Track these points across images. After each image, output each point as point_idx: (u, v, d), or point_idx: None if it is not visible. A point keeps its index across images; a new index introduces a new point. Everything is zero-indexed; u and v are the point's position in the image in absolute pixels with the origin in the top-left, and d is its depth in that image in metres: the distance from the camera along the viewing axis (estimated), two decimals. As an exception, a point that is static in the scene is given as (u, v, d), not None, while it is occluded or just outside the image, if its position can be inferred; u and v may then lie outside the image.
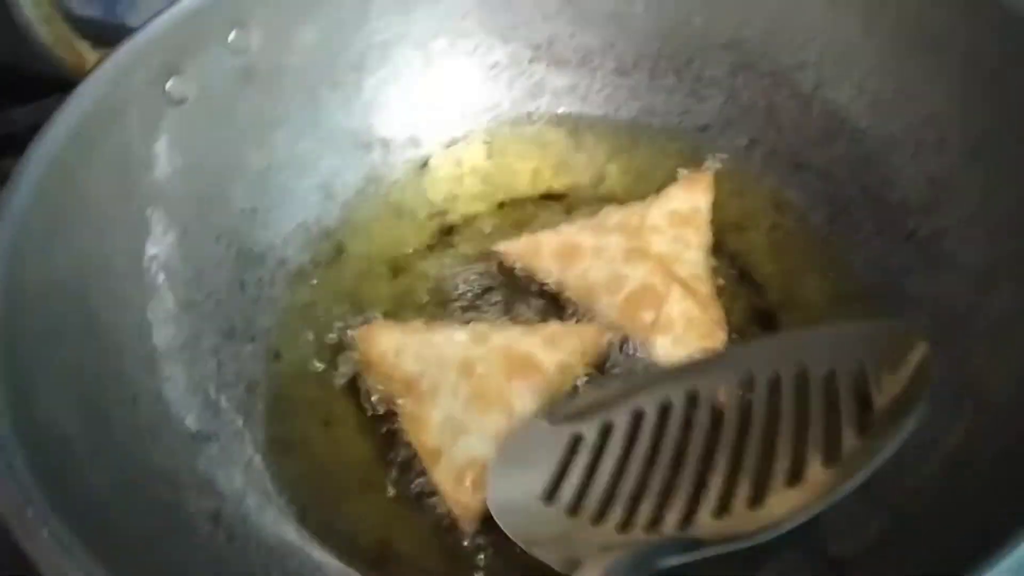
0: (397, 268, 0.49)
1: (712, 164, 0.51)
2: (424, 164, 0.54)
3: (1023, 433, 0.33)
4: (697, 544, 0.31)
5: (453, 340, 0.43)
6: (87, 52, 0.43)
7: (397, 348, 0.43)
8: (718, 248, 0.47)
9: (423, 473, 0.40)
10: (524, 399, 0.41)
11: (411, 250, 0.50)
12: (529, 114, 0.55)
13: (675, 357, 0.42)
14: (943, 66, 0.42)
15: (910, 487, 0.36)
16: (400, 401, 0.42)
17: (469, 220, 0.52)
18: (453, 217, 0.52)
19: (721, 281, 0.46)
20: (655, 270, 0.44)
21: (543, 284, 0.46)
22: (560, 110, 0.55)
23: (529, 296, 0.47)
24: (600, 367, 0.43)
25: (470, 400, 0.41)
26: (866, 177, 0.46)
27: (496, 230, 0.51)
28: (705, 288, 0.44)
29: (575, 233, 0.47)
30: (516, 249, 0.48)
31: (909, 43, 0.43)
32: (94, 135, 0.40)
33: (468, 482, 0.39)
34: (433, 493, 0.40)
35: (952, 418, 0.37)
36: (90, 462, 0.34)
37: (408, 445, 0.41)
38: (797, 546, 0.36)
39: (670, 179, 0.50)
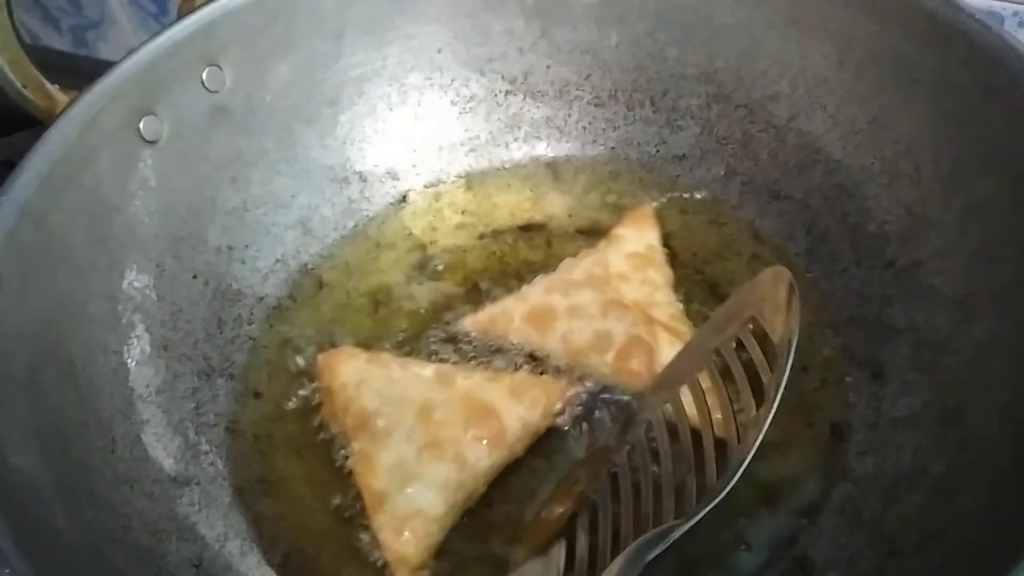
0: (377, 301, 0.49)
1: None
2: (403, 197, 0.53)
3: (1008, 462, 0.33)
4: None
5: (418, 377, 0.42)
6: (58, 94, 0.42)
7: (359, 379, 0.43)
8: (699, 276, 0.48)
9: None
10: (478, 452, 0.40)
11: (391, 283, 0.50)
12: (507, 145, 0.55)
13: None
14: (915, 98, 0.43)
15: (900, 517, 0.36)
16: (353, 440, 0.41)
17: (449, 252, 0.51)
18: (433, 250, 0.51)
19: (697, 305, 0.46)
20: (637, 320, 0.44)
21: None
22: (538, 141, 0.55)
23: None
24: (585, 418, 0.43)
25: (424, 447, 0.40)
26: (843, 207, 0.46)
27: (477, 262, 0.51)
28: (685, 326, 0.44)
29: (543, 295, 0.46)
30: (483, 322, 0.46)
31: (881, 75, 0.44)
32: (65, 179, 0.39)
33: (407, 533, 0.38)
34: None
35: (937, 447, 0.37)
36: (66, 512, 0.33)
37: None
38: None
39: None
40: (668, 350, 0.42)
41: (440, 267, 0.51)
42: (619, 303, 0.44)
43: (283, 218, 0.50)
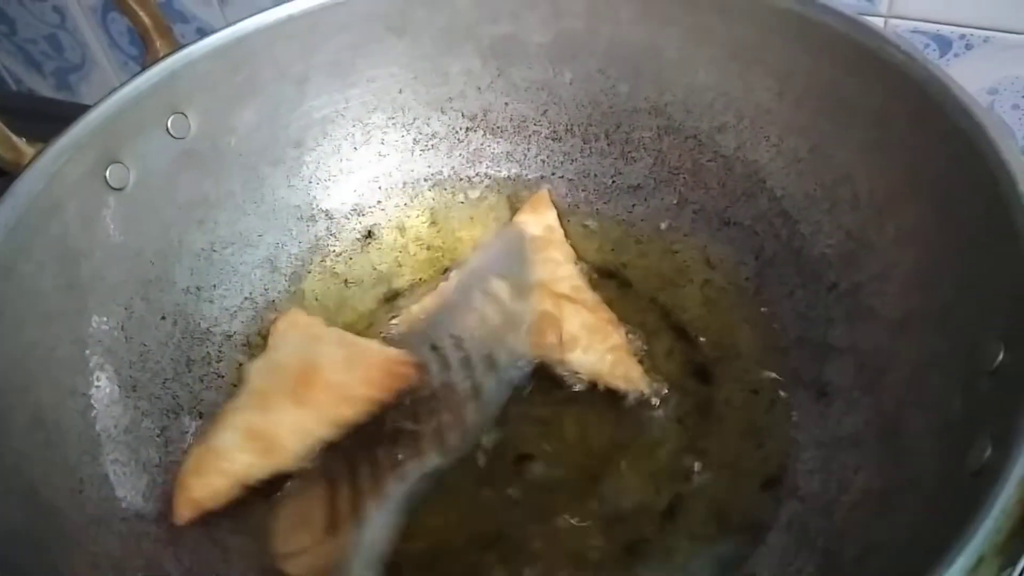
0: (345, 336, 0.50)
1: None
2: (369, 234, 0.55)
3: (938, 477, 0.34)
4: None
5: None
6: (23, 147, 0.43)
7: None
8: (653, 304, 0.49)
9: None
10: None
11: (358, 317, 0.51)
12: (469, 180, 0.57)
13: (591, 364, 0.45)
14: (851, 127, 0.44)
15: (842, 532, 0.37)
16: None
17: (415, 286, 0.53)
18: (399, 284, 0.53)
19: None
20: (542, 296, 0.47)
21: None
22: (499, 176, 0.57)
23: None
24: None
25: (252, 394, 0.43)
26: (788, 232, 0.48)
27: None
28: (588, 295, 0.47)
29: (455, 290, 0.49)
30: (410, 320, 0.49)
31: (819, 106, 0.46)
32: (33, 229, 0.41)
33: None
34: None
35: (877, 464, 0.38)
36: (36, 555, 0.34)
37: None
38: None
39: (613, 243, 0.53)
40: (574, 319, 0.46)
41: (406, 301, 0.52)
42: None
43: (251, 257, 0.51)
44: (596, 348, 0.45)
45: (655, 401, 0.45)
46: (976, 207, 0.37)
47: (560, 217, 0.53)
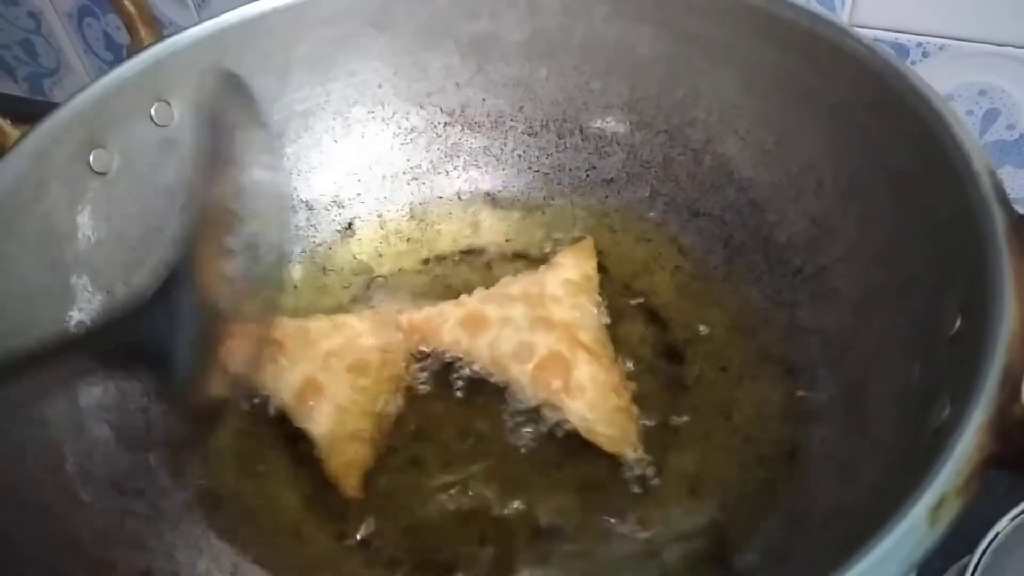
0: (324, 324, 0.51)
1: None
2: (349, 225, 0.56)
3: (897, 444, 0.36)
4: None
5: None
6: (9, 128, 0.44)
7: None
8: (627, 290, 0.51)
9: (359, 519, 0.42)
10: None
11: (338, 306, 0.52)
12: (447, 174, 0.58)
13: (589, 418, 0.44)
14: (815, 118, 0.46)
15: (809, 499, 0.39)
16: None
17: (395, 276, 0.54)
18: (379, 273, 0.54)
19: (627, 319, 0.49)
20: (561, 338, 0.46)
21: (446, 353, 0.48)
22: (476, 169, 0.58)
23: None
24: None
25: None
26: (755, 221, 0.50)
27: (421, 284, 0.53)
28: (607, 352, 0.47)
29: (478, 304, 0.49)
30: (419, 320, 0.49)
31: (784, 99, 0.48)
32: (17, 210, 0.41)
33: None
34: (369, 540, 0.41)
35: (842, 435, 0.40)
36: (18, 524, 0.34)
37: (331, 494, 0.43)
38: (701, 562, 0.39)
39: (582, 233, 0.54)
40: (585, 368, 0.45)
41: (386, 290, 0.53)
42: (548, 320, 0.47)
43: (231, 244, 0.52)
44: (600, 404, 0.44)
45: (636, 472, 0.43)
46: (933, 188, 0.38)
47: (539, 208, 0.55)
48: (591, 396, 0.44)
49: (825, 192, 0.46)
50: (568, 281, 0.50)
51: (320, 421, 0.44)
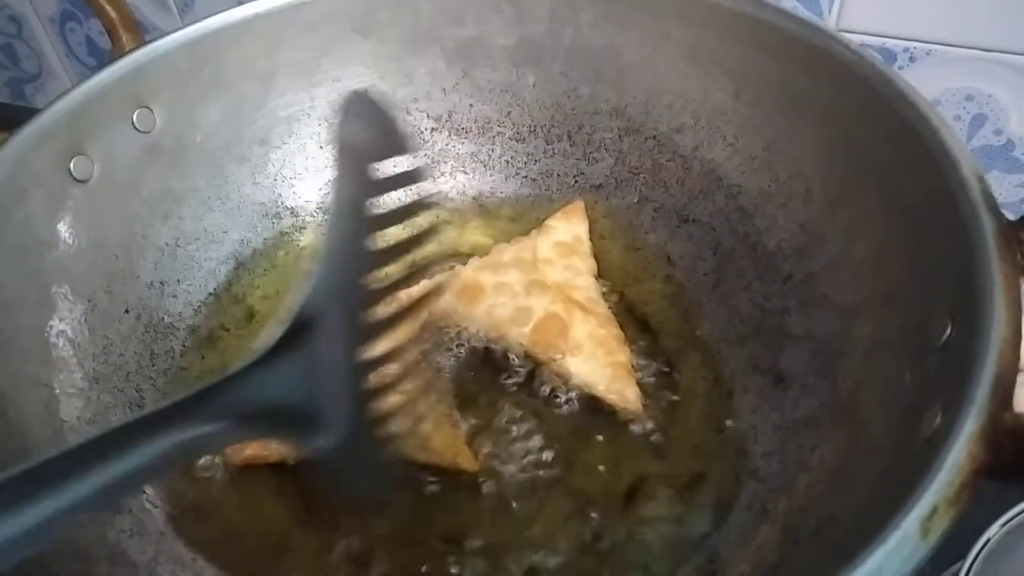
0: (309, 332, 0.50)
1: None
2: (334, 231, 0.55)
3: (890, 450, 0.35)
4: None
5: None
6: (-11, 135, 0.43)
7: None
8: (620, 299, 0.50)
9: (341, 533, 0.41)
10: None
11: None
12: (434, 180, 0.58)
13: (589, 375, 0.45)
14: (804, 124, 0.46)
15: (800, 508, 0.38)
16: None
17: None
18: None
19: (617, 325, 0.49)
20: (555, 298, 0.47)
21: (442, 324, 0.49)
22: (463, 175, 0.58)
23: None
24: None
25: None
26: (744, 228, 0.49)
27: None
28: (601, 309, 0.48)
29: (473, 273, 0.50)
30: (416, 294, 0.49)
31: (773, 105, 0.48)
32: (-4, 217, 0.40)
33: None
34: (356, 557, 0.41)
35: (833, 443, 0.40)
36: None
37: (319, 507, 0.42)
38: (693, 572, 0.38)
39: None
40: (582, 327, 0.46)
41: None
42: (542, 283, 0.48)
43: (215, 253, 0.51)
44: (599, 359, 0.46)
45: (645, 426, 0.45)
46: (922, 194, 0.38)
47: (524, 214, 0.55)
48: (589, 351, 0.46)
49: (814, 198, 0.46)
50: (559, 243, 0.51)
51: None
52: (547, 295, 0.48)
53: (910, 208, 0.39)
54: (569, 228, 0.52)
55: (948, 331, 0.34)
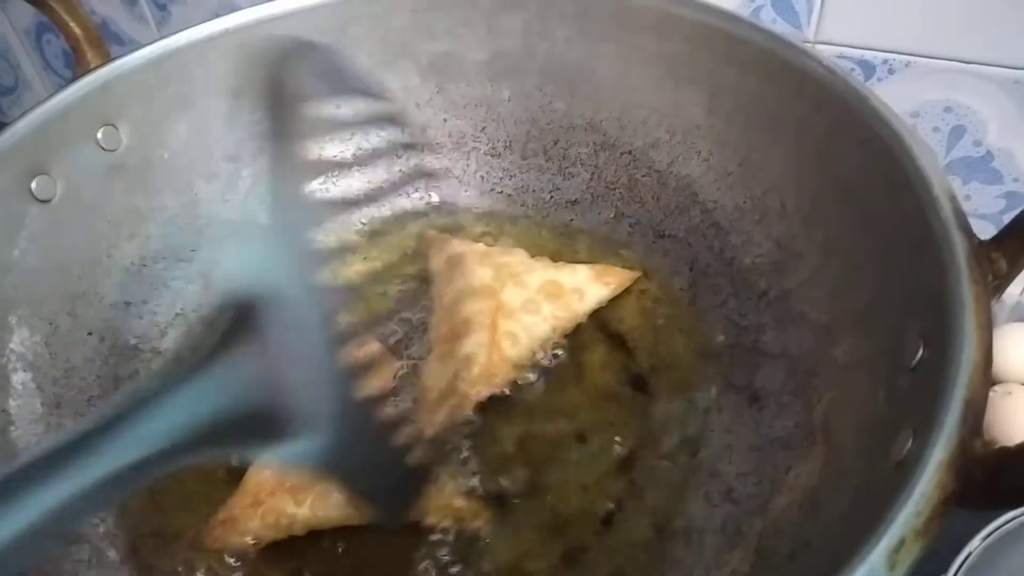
0: (280, 352, 0.50)
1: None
2: (306, 249, 0.54)
3: (863, 472, 0.35)
4: None
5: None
6: (-54, 155, 0.42)
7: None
8: (593, 315, 0.50)
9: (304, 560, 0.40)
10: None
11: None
12: (408, 196, 0.57)
13: (432, 381, 0.45)
14: (778, 140, 0.46)
15: (775, 531, 0.38)
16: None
17: (353, 293, 0.52)
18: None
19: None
20: (487, 311, 0.47)
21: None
22: (437, 191, 0.57)
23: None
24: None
25: None
26: (720, 243, 0.49)
27: (380, 302, 0.52)
28: (511, 351, 0.46)
29: (471, 250, 0.51)
30: (435, 242, 0.53)
31: (747, 120, 0.47)
32: (-48, 238, 0.39)
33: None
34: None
35: (808, 464, 0.39)
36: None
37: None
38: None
39: (544, 253, 0.52)
40: (474, 346, 0.46)
41: (344, 309, 0.52)
42: (492, 292, 0.48)
43: (183, 272, 0.50)
44: (445, 377, 0.45)
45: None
46: (895, 212, 0.38)
47: (499, 230, 0.54)
48: (449, 366, 0.45)
49: (789, 215, 0.45)
50: (552, 282, 0.49)
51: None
52: (484, 303, 0.47)
53: (883, 226, 0.39)
54: (585, 281, 0.49)
55: (920, 352, 0.34)
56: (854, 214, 0.41)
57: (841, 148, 0.42)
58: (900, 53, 0.57)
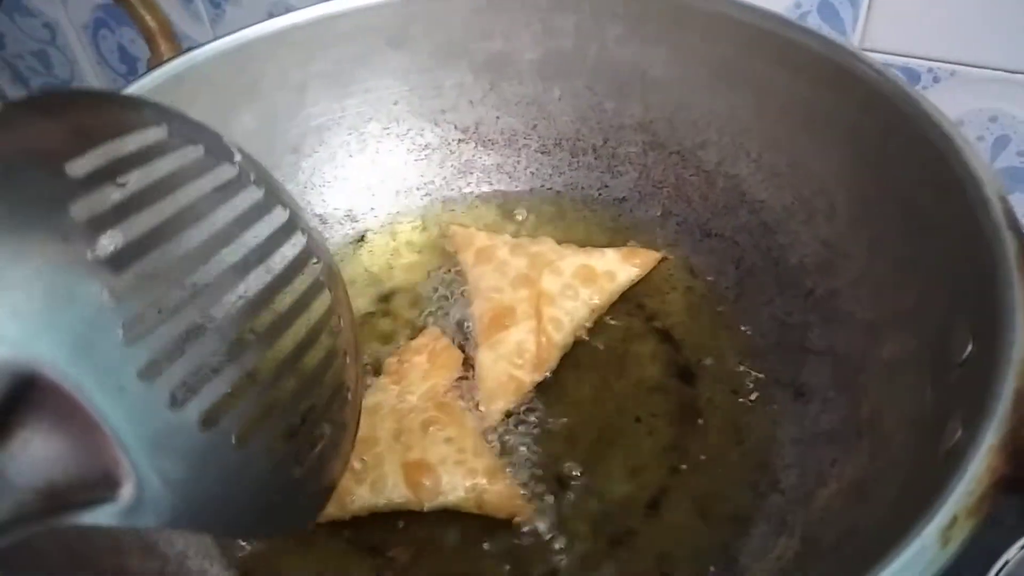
0: (336, 337, 0.51)
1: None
2: (361, 238, 0.56)
3: (912, 465, 0.36)
4: None
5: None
6: None
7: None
8: (639, 309, 0.51)
9: (361, 526, 0.42)
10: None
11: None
12: (460, 190, 0.59)
13: (487, 372, 0.46)
14: (829, 142, 0.47)
15: (820, 520, 0.39)
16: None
17: (405, 288, 0.54)
18: (390, 285, 0.54)
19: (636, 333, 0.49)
20: (528, 299, 0.48)
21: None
22: (489, 187, 0.59)
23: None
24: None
25: None
26: (767, 243, 0.50)
27: (431, 294, 0.53)
28: (556, 335, 0.48)
29: (500, 243, 0.52)
30: (459, 236, 0.54)
31: (797, 122, 0.48)
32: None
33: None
34: (375, 546, 0.42)
35: (854, 457, 0.40)
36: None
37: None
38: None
39: (593, 246, 0.53)
40: (520, 333, 0.47)
41: (397, 301, 0.53)
42: (531, 281, 0.49)
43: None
44: (503, 367, 0.46)
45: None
46: (945, 212, 0.39)
47: (550, 221, 0.56)
48: (503, 353, 0.47)
49: (837, 215, 0.46)
50: (585, 266, 0.51)
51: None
52: (524, 291, 0.48)
53: (933, 226, 0.40)
54: (615, 263, 0.51)
55: (969, 347, 0.35)
56: (903, 215, 0.42)
57: (891, 150, 0.43)
58: (945, 62, 0.58)
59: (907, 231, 0.42)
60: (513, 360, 0.46)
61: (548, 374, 0.47)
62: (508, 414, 0.46)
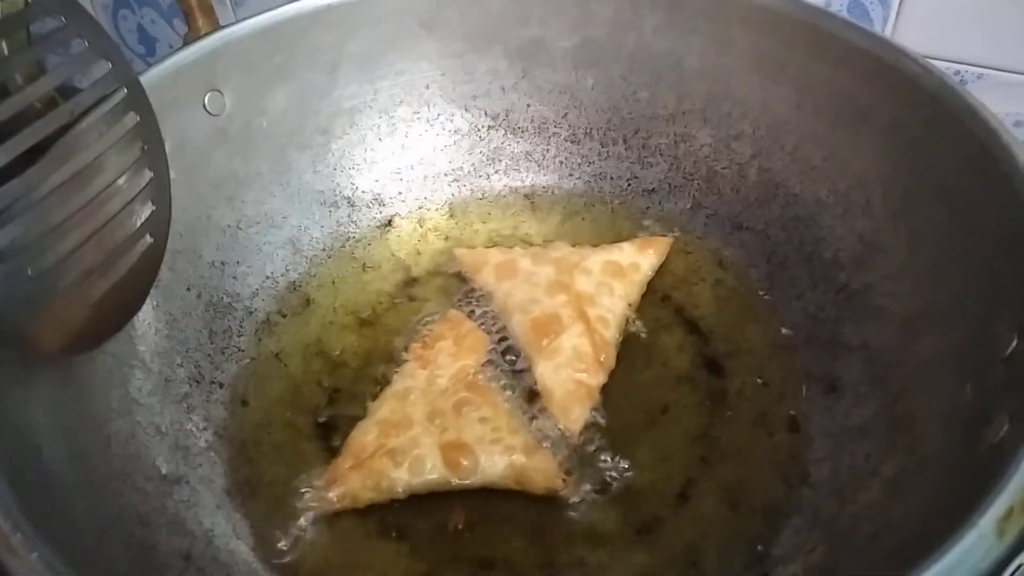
0: (363, 319, 0.51)
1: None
2: (388, 222, 0.56)
3: (949, 461, 0.36)
4: None
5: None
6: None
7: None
8: (666, 301, 0.51)
9: (387, 510, 0.42)
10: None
11: (376, 301, 0.52)
12: (488, 177, 0.58)
13: (553, 383, 0.46)
14: (867, 136, 0.47)
15: (853, 514, 0.38)
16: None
17: (432, 274, 0.54)
18: (416, 271, 0.54)
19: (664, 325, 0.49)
20: (569, 304, 0.48)
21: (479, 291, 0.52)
22: (517, 174, 0.58)
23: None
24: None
25: None
26: (800, 237, 0.50)
27: (456, 283, 0.53)
28: (607, 333, 0.47)
29: (519, 256, 0.52)
30: (468, 257, 0.53)
31: (836, 116, 0.48)
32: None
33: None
34: (396, 529, 0.41)
35: (887, 452, 0.40)
36: (71, 502, 0.34)
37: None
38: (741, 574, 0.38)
39: (619, 240, 0.53)
40: (573, 338, 0.47)
41: (423, 287, 0.53)
42: (565, 286, 0.49)
43: (274, 237, 0.52)
44: (567, 375, 0.46)
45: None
46: (988, 208, 0.39)
47: (578, 214, 0.56)
48: (562, 361, 0.46)
49: (874, 210, 0.46)
50: (611, 262, 0.51)
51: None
52: (563, 296, 0.48)
53: (975, 221, 0.40)
54: (633, 255, 0.51)
55: (1014, 343, 0.35)
56: (945, 209, 0.42)
57: (934, 145, 0.43)
58: (973, 65, 0.57)
59: (948, 226, 0.42)
60: (575, 365, 0.46)
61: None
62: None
